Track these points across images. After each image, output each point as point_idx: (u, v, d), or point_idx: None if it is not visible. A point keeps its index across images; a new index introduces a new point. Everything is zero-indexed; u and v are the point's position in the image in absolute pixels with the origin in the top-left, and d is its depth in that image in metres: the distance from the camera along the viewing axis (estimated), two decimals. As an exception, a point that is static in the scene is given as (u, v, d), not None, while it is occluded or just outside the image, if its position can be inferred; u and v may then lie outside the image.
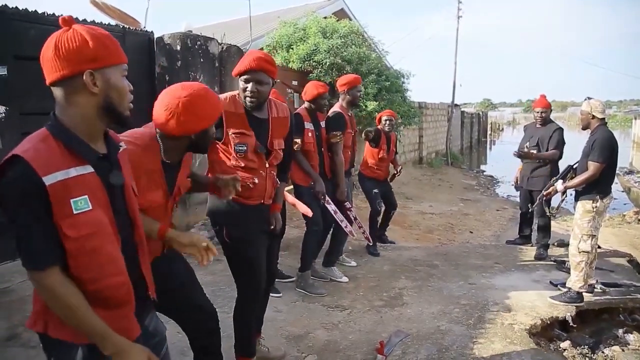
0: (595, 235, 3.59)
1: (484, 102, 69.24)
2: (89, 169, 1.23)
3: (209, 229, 5.23)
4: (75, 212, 1.18)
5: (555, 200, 4.32)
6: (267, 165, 2.38)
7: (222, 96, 2.30)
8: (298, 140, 3.53)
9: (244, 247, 2.35)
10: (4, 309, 3.31)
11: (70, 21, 1.24)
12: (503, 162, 16.57)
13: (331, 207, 3.83)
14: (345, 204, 4.05)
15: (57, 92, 1.25)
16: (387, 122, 5.21)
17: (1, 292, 3.61)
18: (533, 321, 3.33)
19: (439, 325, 3.23)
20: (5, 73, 3.79)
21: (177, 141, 1.77)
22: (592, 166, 3.52)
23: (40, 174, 1.13)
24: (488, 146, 29.30)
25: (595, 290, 3.80)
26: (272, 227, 2.48)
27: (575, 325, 3.54)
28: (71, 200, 1.17)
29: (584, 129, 3.75)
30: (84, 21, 4.46)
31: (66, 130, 1.22)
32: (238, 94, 2.33)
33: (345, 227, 3.95)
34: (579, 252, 3.59)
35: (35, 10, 4.10)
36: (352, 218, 4.16)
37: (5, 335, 2.96)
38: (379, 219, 5.24)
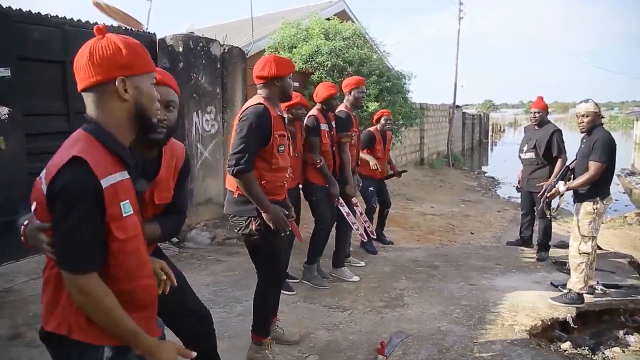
0: (595, 237, 3.60)
1: (486, 103, 69.15)
2: (126, 174, 1.27)
3: (225, 226, 5.27)
4: (124, 215, 1.22)
5: (555, 202, 4.32)
6: None
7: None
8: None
9: (274, 237, 2.51)
10: (7, 309, 3.34)
11: (104, 30, 1.28)
12: (504, 164, 16.59)
13: (344, 210, 3.96)
14: (352, 199, 4.13)
15: (89, 98, 1.27)
16: (387, 121, 5.31)
17: (5, 291, 3.63)
18: (533, 322, 3.34)
19: (439, 326, 3.24)
20: (9, 74, 3.82)
21: None
22: (594, 166, 3.52)
23: (99, 176, 1.17)
24: (489, 147, 29.30)
25: (596, 291, 3.81)
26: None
27: (575, 327, 3.54)
28: (121, 204, 1.22)
29: (589, 131, 3.64)
30: (87, 22, 4.50)
31: (110, 135, 1.25)
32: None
33: (357, 229, 4.12)
34: (580, 254, 3.60)
35: (39, 12, 4.13)
36: (358, 213, 4.29)
37: (9, 335, 2.99)
38: (374, 217, 5.32)
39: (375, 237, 5.01)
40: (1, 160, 3.73)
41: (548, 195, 3.98)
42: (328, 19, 9.42)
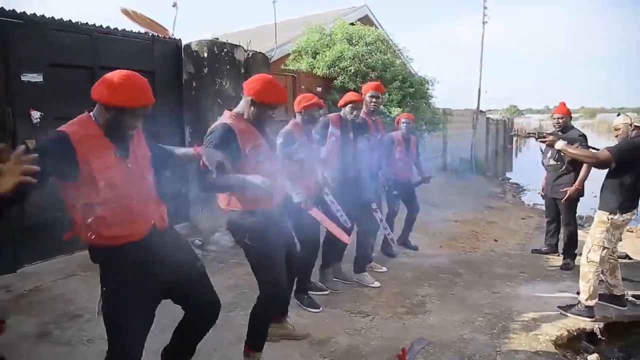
0: (606, 248, 3.48)
1: (510, 108, 68.08)
2: None
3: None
4: None
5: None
6: None
7: None
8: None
9: (268, 250, 2.51)
10: (36, 307, 3.43)
11: None
12: (529, 170, 16.27)
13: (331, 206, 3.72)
14: (372, 204, 4.11)
15: None
16: (405, 124, 5.34)
17: (33, 290, 3.73)
18: (559, 332, 3.27)
19: (462, 333, 3.20)
20: (41, 80, 3.95)
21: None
22: (603, 152, 3.44)
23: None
24: (514, 153, 28.81)
25: (628, 302, 3.70)
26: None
27: (603, 338, 3.45)
28: None
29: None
30: (115, 29, 4.61)
31: None
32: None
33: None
34: (587, 262, 3.51)
35: (70, 20, 4.25)
36: (378, 220, 4.25)
37: (37, 332, 3.07)
38: (395, 220, 5.31)
39: (395, 244, 4.98)
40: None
41: (544, 139, 3.81)
42: (352, 24, 9.44)
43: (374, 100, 4.19)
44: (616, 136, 3.61)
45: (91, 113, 1.89)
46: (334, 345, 3.02)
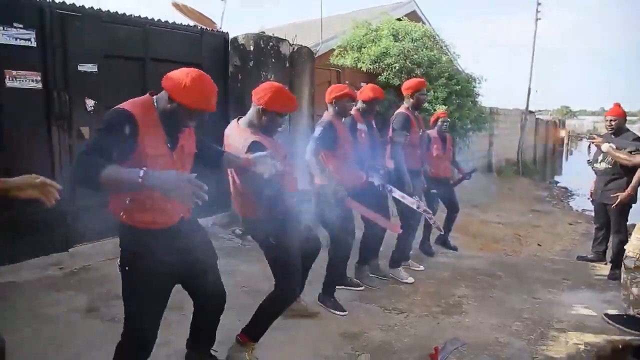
0: None
1: (562, 109, 65.30)
2: None
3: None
4: None
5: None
6: None
7: None
8: None
9: (284, 245, 2.60)
10: (86, 284, 3.63)
11: None
12: (580, 174, 15.61)
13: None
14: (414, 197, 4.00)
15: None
16: (444, 123, 5.33)
17: (83, 269, 3.95)
18: (602, 343, 3.14)
19: (497, 337, 3.13)
20: (96, 70, 4.14)
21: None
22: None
23: None
24: (564, 156, 27.68)
25: None
26: None
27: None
28: None
29: None
30: (166, 22, 4.77)
31: None
32: None
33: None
34: (625, 269, 3.36)
35: (124, 13, 4.43)
36: (422, 211, 4.06)
37: (86, 308, 3.25)
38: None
39: (440, 230, 4.94)
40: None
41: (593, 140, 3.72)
42: (399, 19, 9.34)
43: (423, 97, 4.27)
44: None
45: (155, 97, 1.94)
46: (367, 340, 3.03)
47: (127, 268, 1.95)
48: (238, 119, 2.68)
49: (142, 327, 2.00)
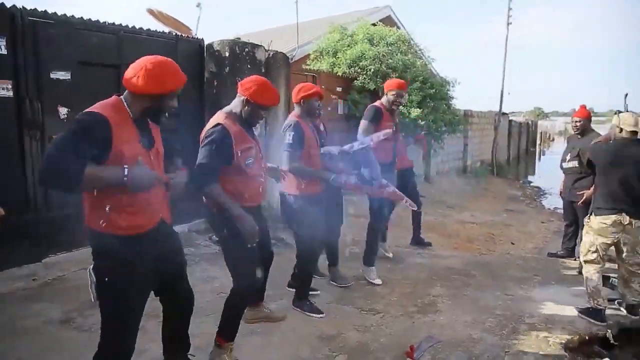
0: (594, 251, 3.53)
1: (535, 110, 66.78)
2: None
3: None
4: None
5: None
6: None
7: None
8: None
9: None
10: (60, 295, 3.59)
11: None
12: (552, 173, 16.00)
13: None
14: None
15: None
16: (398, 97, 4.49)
17: (57, 279, 3.90)
18: (570, 335, 3.26)
19: (471, 333, 3.23)
20: (69, 77, 4.11)
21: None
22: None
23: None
24: (537, 156, 28.33)
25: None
26: None
27: (617, 343, 3.42)
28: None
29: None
30: (141, 29, 4.76)
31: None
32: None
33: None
34: (584, 263, 3.61)
35: (98, 20, 4.41)
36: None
37: (61, 319, 3.22)
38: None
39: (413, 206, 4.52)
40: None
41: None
42: (374, 24, 9.47)
43: (398, 99, 4.28)
44: (607, 135, 3.70)
45: (122, 97, 1.94)
46: (343, 341, 3.08)
47: (106, 279, 1.91)
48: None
49: (121, 337, 1.99)
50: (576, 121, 4.81)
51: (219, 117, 2.65)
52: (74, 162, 1.68)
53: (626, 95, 3.93)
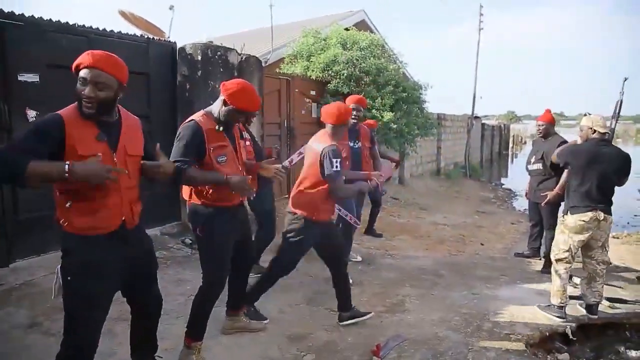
0: (567, 250, 3.64)
1: (508, 114, 68.27)
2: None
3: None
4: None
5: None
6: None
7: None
8: None
9: (220, 239, 2.73)
10: (28, 300, 3.54)
11: None
12: (523, 176, 16.35)
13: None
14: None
15: None
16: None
17: (25, 284, 3.84)
18: (531, 332, 3.39)
19: (437, 332, 3.32)
20: (38, 80, 4.06)
21: None
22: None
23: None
24: (509, 159, 28.98)
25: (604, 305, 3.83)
26: None
27: (576, 339, 3.57)
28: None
29: None
30: (111, 31, 4.74)
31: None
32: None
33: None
34: (556, 261, 3.72)
35: (67, 22, 4.37)
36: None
37: (28, 323, 3.19)
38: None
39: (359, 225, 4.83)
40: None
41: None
42: (347, 29, 9.58)
43: (354, 113, 4.40)
44: (580, 137, 3.83)
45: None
46: (312, 341, 3.14)
47: (68, 277, 1.96)
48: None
49: (81, 336, 2.01)
50: (540, 125, 4.99)
51: (195, 115, 2.71)
52: (18, 154, 1.75)
53: (625, 79, 3.93)
